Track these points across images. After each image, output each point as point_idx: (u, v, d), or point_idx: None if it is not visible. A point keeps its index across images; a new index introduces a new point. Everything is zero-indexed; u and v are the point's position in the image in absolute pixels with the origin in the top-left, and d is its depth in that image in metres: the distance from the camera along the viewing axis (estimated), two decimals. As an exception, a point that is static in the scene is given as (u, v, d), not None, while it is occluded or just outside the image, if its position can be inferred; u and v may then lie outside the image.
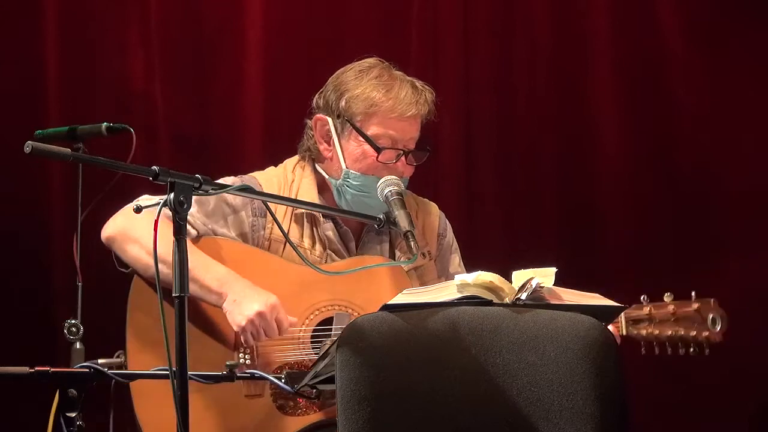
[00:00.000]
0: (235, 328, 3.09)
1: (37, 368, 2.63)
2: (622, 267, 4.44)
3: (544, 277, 2.73)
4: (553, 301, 2.73)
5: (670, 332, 3.36)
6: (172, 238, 2.45)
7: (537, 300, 2.71)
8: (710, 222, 4.48)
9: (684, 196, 4.52)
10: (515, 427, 2.57)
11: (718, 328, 3.38)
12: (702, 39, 4.53)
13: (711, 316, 3.38)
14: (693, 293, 3.39)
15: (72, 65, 4.23)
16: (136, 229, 3.11)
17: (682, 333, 3.36)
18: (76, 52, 4.24)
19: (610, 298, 3.06)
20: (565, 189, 4.54)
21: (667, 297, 3.36)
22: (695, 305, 3.37)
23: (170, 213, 2.45)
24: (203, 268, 3.11)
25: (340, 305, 3.19)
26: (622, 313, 3.31)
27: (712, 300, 3.40)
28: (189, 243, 3.02)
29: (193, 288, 3.04)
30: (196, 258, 3.08)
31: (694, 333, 3.36)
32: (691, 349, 3.36)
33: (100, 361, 2.81)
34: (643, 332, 3.34)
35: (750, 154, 4.49)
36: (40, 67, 4.21)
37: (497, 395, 2.59)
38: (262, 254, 3.24)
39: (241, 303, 3.08)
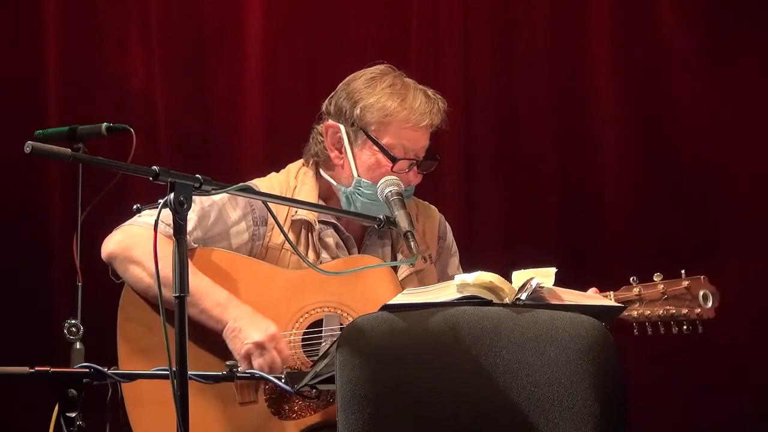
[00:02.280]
0: (236, 356, 3.09)
1: (37, 368, 2.63)
2: (622, 267, 4.43)
3: (544, 277, 2.73)
4: (553, 301, 2.73)
5: (661, 311, 3.32)
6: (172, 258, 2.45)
7: (537, 300, 2.71)
8: (711, 221, 4.48)
9: (684, 195, 4.52)
10: (515, 427, 2.57)
11: (710, 304, 3.34)
12: (703, 38, 4.53)
13: (702, 292, 3.34)
14: (683, 272, 3.36)
15: (72, 65, 4.23)
16: (138, 250, 3.12)
17: (674, 311, 3.32)
18: (76, 52, 4.24)
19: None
20: (565, 189, 4.54)
21: (657, 277, 3.34)
22: (685, 283, 3.33)
23: (170, 231, 2.44)
24: (204, 293, 3.11)
25: (330, 307, 3.19)
26: (612, 295, 3.30)
27: (702, 277, 3.36)
28: (190, 262, 3.04)
29: (192, 312, 3.04)
30: (197, 281, 3.08)
31: (686, 311, 3.32)
32: (684, 327, 3.33)
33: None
34: (634, 313, 3.31)
35: (750, 153, 4.49)
36: (40, 67, 4.21)
37: (497, 395, 2.59)
38: (251, 262, 3.23)
39: (241, 332, 3.08)
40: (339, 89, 3.35)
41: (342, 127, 3.30)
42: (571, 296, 2.78)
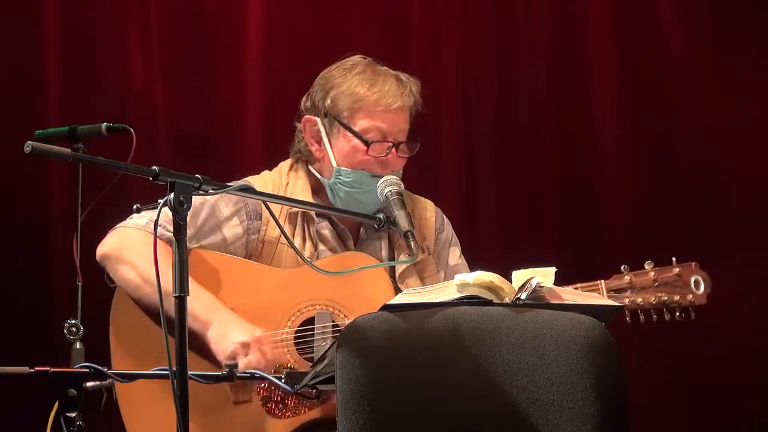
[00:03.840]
0: (220, 357, 3.08)
1: (37, 368, 2.63)
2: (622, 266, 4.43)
3: (544, 277, 2.73)
4: (553, 301, 2.73)
5: (653, 299, 3.32)
6: (165, 261, 2.44)
7: (537, 300, 2.71)
8: (711, 222, 4.47)
9: (684, 196, 4.52)
10: (515, 427, 2.57)
11: (702, 290, 3.35)
12: (702, 38, 4.53)
13: (693, 278, 3.35)
14: (674, 258, 3.36)
15: (72, 65, 4.23)
16: (131, 252, 3.14)
17: (665, 299, 3.32)
18: (76, 52, 4.24)
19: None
20: (565, 189, 4.54)
21: (648, 264, 3.34)
22: (676, 270, 3.34)
23: (165, 233, 2.44)
24: (191, 297, 3.10)
25: (321, 304, 3.19)
26: (603, 284, 3.30)
27: (693, 263, 3.36)
28: None
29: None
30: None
31: (678, 297, 3.32)
32: (677, 314, 3.33)
33: (88, 384, 2.76)
34: (626, 301, 3.30)
35: (750, 153, 4.49)
36: (40, 67, 4.21)
37: (497, 395, 2.59)
38: (240, 263, 3.24)
39: (227, 333, 3.08)
40: (314, 84, 3.39)
41: (318, 119, 3.33)
42: (571, 296, 2.78)
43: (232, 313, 3.13)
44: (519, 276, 2.75)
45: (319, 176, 3.36)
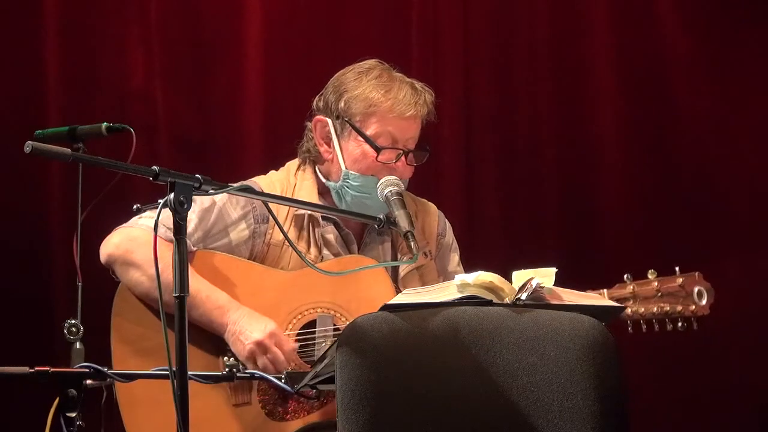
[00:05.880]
0: (240, 358, 3.11)
1: (37, 368, 2.62)
2: (622, 268, 4.41)
3: (544, 277, 2.72)
4: (553, 301, 2.73)
5: (655, 309, 3.32)
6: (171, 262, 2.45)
7: (537, 300, 2.71)
8: (711, 222, 4.48)
9: (684, 196, 4.52)
10: (515, 427, 2.57)
11: (704, 301, 3.34)
12: (702, 38, 4.53)
13: (696, 289, 3.34)
14: (677, 268, 3.36)
15: (72, 65, 4.23)
16: (137, 254, 3.13)
17: (668, 309, 3.32)
18: (76, 52, 4.24)
19: (610, 299, 3.06)
20: (565, 189, 4.54)
21: (651, 274, 3.33)
22: (679, 280, 3.34)
23: (170, 236, 2.44)
24: (204, 296, 3.12)
25: (323, 307, 3.19)
26: (606, 293, 3.30)
27: (696, 273, 3.36)
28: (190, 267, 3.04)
29: (193, 315, 3.05)
30: (196, 284, 3.09)
31: (680, 308, 3.32)
32: (679, 324, 3.33)
33: (87, 381, 2.76)
34: (628, 311, 3.30)
35: (750, 154, 4.49)
36: (40, 67, 4.21)
37: (497, 395, 2.59)
38: (244, 264, 3.23)
39: (241, 333, 3.10)
40: (328, 85, 3.37)
41: (329, 120, 3.31)
42: (571, 296, 2.78)
43: (245, 310, 3.14)
44: (519, 276, 2.75)
45: (324, 180, 3.35)
